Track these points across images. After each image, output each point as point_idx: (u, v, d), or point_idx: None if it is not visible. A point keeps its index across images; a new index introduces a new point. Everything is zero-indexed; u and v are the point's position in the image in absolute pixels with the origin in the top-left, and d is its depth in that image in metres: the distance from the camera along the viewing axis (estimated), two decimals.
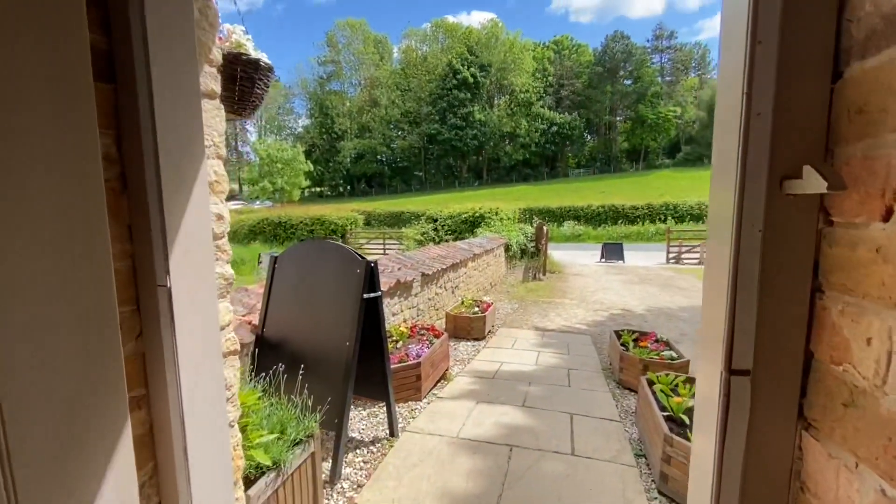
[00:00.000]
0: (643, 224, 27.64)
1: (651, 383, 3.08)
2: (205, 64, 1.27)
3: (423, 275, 5.99)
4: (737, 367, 0.71)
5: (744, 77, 0.70)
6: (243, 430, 1.77)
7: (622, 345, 4.60)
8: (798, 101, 0.72)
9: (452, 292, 7.42)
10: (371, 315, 2.85)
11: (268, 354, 2.82)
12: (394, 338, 4.25)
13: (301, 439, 2.00)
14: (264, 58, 1.63)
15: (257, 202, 40.21)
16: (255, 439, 1.78)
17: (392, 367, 3.40)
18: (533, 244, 14.00)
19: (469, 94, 62.27)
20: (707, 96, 61.54)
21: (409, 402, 3.72)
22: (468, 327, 5.98)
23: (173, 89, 1.09)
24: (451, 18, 68.88)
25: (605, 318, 7.73)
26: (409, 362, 3.65)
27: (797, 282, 0.75)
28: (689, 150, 61.72)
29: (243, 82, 1.57)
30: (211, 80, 1.31)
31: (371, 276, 2.71)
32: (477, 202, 16.67)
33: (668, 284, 11.63)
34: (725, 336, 0.72)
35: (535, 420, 3.41)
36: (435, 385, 4.15)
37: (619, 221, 28.78)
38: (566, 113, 66.14)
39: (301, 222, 21.42)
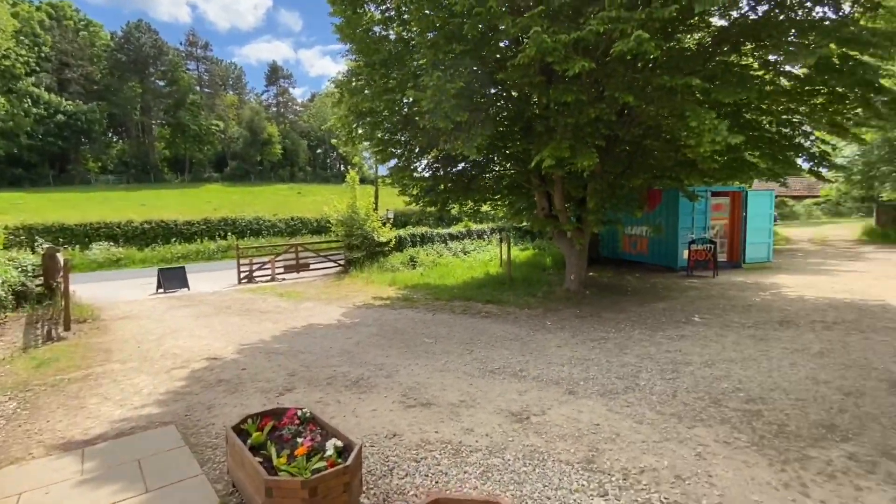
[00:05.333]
0: (202, 241, 24.83)
1: None
2: None
3: None
4: None
5: None
6: None
7: (255, 451, 2.86)
8: None
9: None
10: None
11: None
12: None
13: None
14: None
15: None
16: None
17: None
18: (40, 283, 8.95)
19: None
20: (247, 116, 64.26)
21: None
22: None
23: None
24: None
25: (189, 382, 5.46)
26: None
27: None
28: (236, 165, 62.67)
29: None
30: None
31: None
32: None
33: (250, 309, 10.28)
34: None
35: None
36: None
37: (174, 240, 24.52)
38: (79, 101, 50.68)
39: None
